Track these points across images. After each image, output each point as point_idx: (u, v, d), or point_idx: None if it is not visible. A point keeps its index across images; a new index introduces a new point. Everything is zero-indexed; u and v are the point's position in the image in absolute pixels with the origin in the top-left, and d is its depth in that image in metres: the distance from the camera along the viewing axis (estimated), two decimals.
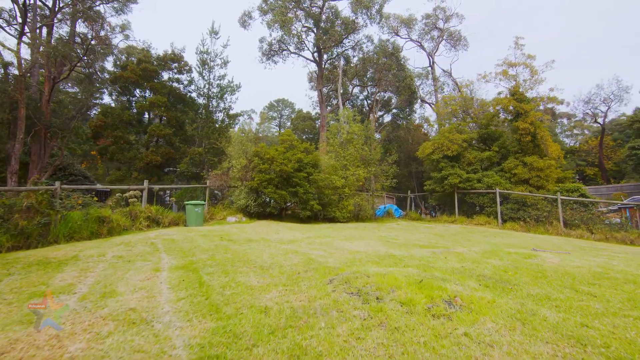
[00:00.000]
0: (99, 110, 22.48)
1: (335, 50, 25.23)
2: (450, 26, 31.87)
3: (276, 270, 4.60)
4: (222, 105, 23.93)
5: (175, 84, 23.62)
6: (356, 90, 33.29)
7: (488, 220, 15.73)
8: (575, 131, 54.69)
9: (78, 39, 24.47)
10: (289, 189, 13.94)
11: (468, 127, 18.95)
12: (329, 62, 27.35)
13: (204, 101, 23.94)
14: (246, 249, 6.32)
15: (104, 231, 9.20)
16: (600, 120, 41.61)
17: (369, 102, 33.33)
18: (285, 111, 64.23)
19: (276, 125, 62.90)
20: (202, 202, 12.17)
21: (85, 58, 26.33)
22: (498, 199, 15.39)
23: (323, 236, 9.12)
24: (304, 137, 46.62)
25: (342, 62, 24.70)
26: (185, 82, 24.07)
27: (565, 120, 55.51)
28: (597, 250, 8.38)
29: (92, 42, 25.33)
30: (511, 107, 16.63)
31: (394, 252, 6.41)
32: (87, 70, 29.68)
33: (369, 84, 29.93)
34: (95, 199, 11.00)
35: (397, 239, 9.44)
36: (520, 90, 16.86)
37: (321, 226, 12.99)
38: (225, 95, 23.94)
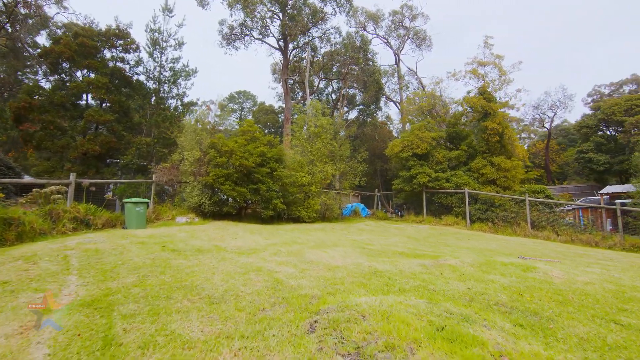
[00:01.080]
0: (24, 89, 19.15)
1: (302, 39, 23.84)
2: (416, 25, 31.85)
3: (231, 304, 3.26)
4: (175, 91, 21.61)
5: (120, 64, 20.80)
6: (322, 85, 32.18)
7: (456, 220, 15.39)
8: (523, 135, 58.05)
9: (1, 5, 20.94)
10: (250, 186, 12.46)
11: (436, 126, 18.60)
12: (295, 51, 25.90)
13: (154, 85, 21.43)
14: (193, 265, 4.87)
15: (11, 237, 7.22)
16: (547, 125, 43.91)
17: (334, 97, 32.38)
18: (247, 104, 61.62)
19: (236, 118, 60.06)
20: (145, 199, 10.34)
21: (9, 27, 22.62)
22: (467, 199, 15.07)
23: (290, 242, 7.85)
24: (266, 131, 44.69)
25: (309, 51, 23.35)
26: (132, 63, 21.31)
27: (514, 125, 58.66)
28: (581, 257, 7.97)
29: (19, 10, 21.77)
30: (480, 107, 16.44)
31: (378, 265, 5.32)
32: (13, 44, 25.62)
33: (335, 78, 28.93)
34: (1, 195, 8.80)
35: (372, 245, 8.44)
36: (489, 90, 16.75)
37: (286, 228, 11.69)
38: (179, 80, 21.64)
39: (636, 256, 8.90)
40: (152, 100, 20.81)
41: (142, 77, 22.37)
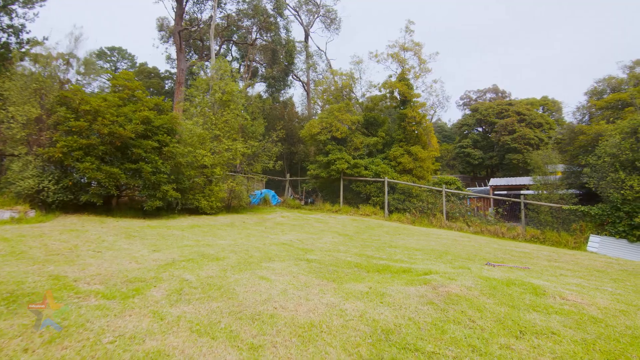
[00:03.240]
0: None
1: None
2: (327, 4, 30.38)
3: None
4: (5, 20, 14.89)
5: None
6: (222, 51, 27.77)
7: (374, 210, 14.59)
8: None
9: None
10: (127, 165, 8.78)
11: (354, 108, 17.47)
12: (190, 2, 21.09)
13: None
14: None
15: None
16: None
17: (235, 66, 28.44)
18: (122, 64, 50.80)
19: (107, 80, 48.89)
20: None
21: None
22: (386, 189, 14.36)
23: (197, 255, 5.08)
24: (147, 98, 37.31)
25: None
26: None
27: None
28: (529, 257, 7.53)
29: None
30: (400, 93, 15.87)
31: (369, 309, 3.26)
32: None
33: (241, 42, 25.15)
34: None
35: (311, 251, 6.38)
36: (410, 77, 16.32)
37: (182, 224, 8.58)
38: (14, 6, 14.99)
39: (556, 250, 9.19)
40: None
41: None
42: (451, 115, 71.91)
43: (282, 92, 25.63)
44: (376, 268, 5.22)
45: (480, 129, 34.84)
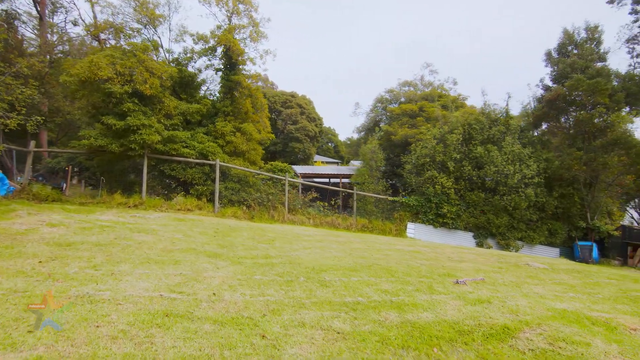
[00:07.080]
0: None
1: None
2: None
3: None
4: None
5: None
6: None
7: (199, 203, 10.78)
8: None
9: None
10: None
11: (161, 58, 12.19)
12: None
13: None
14: None
15: None
16: None
17: None
18: None
19: None
20: None
21: None
22: (217, 175, 10.86)
23: None
24: None
25: None
26: None
27: None
28: (441, 260, 7.12)
29: None
30: (222, 52, 12.34)
31: None
32: None
33: None
34: None
35: (245, 327, 3.02)
36: (245, 37, 13.01)
37: None
38: None
39: (448, 247, 9.64)
40: None
41: None
42: None
43: None
44: (417, 338, 2.86)
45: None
